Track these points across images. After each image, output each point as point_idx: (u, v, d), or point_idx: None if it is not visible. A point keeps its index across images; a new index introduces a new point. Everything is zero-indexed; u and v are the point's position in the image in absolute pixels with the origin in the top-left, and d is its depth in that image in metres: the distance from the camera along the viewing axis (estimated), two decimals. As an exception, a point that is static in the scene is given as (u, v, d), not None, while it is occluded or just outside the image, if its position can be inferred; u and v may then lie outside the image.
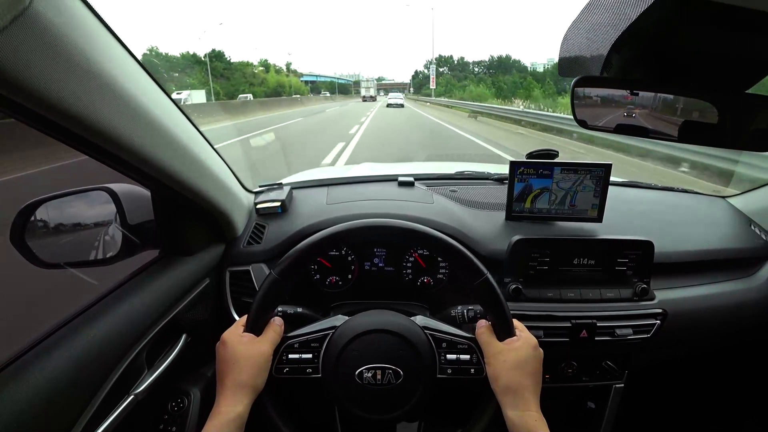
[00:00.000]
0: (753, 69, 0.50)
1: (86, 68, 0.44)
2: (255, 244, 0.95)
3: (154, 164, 0.59)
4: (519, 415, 0.57)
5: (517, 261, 0.92)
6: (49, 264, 0.70)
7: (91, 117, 0.45)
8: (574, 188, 1.00)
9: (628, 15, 0.42)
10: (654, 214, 1.14)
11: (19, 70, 0.36)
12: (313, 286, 1.01)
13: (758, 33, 0.42)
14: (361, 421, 0.61)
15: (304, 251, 0.63)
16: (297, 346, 0.64)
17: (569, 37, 0.54)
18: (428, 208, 1.06)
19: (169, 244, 0.80)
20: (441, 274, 1.00)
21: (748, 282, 1.04)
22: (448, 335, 0.65)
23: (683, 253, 1.02)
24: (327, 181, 1.25)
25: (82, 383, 0.54)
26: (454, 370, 0.63)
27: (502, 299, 0.63)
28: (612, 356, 0.96)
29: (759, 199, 1.19)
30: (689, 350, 1.07)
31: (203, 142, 0.75)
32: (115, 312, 0.62)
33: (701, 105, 0.55)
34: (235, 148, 8.34)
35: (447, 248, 0.64)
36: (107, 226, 0.76)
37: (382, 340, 0.63)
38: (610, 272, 0.93)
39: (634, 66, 0.51)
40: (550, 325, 0.89)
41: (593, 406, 1.03)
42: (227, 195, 0.85)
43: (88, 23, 0.45)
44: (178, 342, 0.74)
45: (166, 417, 0.76)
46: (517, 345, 0.61)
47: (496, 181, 1.26)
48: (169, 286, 0.73)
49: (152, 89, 0.59)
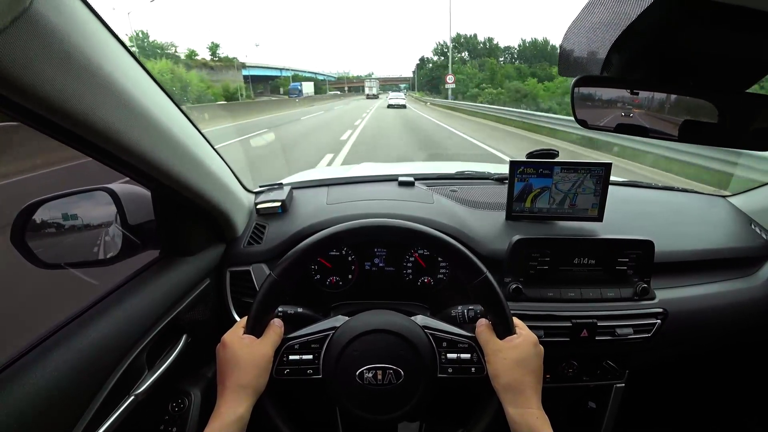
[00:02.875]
0: (753, 69, 0.50)
1: (86, 69, 0.44)
2: (255, 245, 0.95)
3: (155, 164, 0.59)
4: (520, 412, 0.57)
5: (518, 261, 0.92)
6: (49, 264, 0.70)
7: (91, 117, 0.45)
8: (574, 188, 0.99)
9: (629, 14, 0.42)
10: (654, 214, 1.14)
11: (19, 71, 0.36)
12: (314, 287, 1.01)
13: (758, 33, 0.42)
14: (362, 421, 0.61)
15: (304, 252, 0.63)
16: (297, 347, 0.64)
17: (569, 37, 0.54)
18: (428, 208, 1.06)
19: (169, 244, 0.80)
20: (441, 274, 1.00)
21: (749, 281, 1.04)
22: (449, 334, 0.65)
23: (684, 253, 1.02)
24: (327, 181, 1.25)
25: (83, 384, 0.54)
26: (454, 370, 0.63)
27: (501, 297, 0.63)
28: (612, 356, 0.96)
29: (759, 199, 1.19)
30: (690, 350, 1.07)
31: (203, 142, 0.75)
32: (116, 312, 0.62)
33: (701, 105, 0.55)
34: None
35: (446, 248, 0.64)
36: (107, 226, 0.76)
37: (383, 340, 0.63)
38: (611, 272, 0.93)
39: (634, 66, 0.51)
40: (550, 325, 0.89)
41: (594, 406, 1.03)
42: (227, 195, 0.85)
43: (89, 24, 0.45)
44: (179, 342, 0.74)
45: (166, 417, 0.76)
46: (518, 342, 0.61)
47: (496, 180, 1.26)
48: (169, 286, 0.73)
49: (152, 89, 0.59)
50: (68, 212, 0.74)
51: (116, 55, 0.50)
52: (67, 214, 0.73)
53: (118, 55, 0.51)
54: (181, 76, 30.76)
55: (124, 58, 0.52)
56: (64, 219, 0.74)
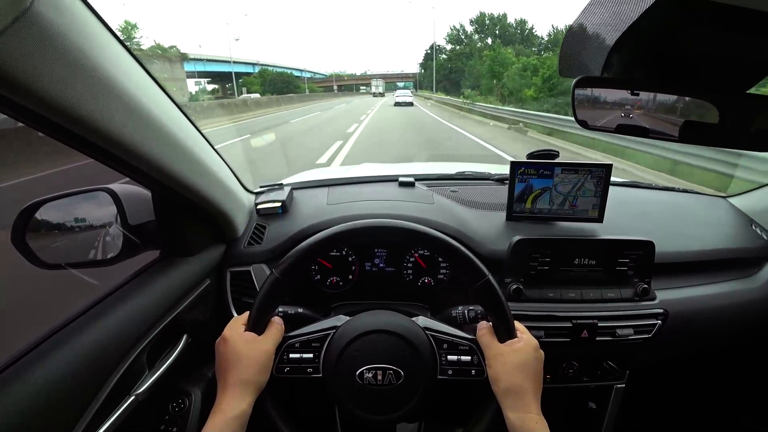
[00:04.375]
0: (753, 69, 0.50)
1: (87, 69, 0.44)
2: (255, 245, 0.96)
3: (155, 165, 0.59)
4: (520, 417, 0.57)
5: (518, 261, 0.92)
6: (50, 265, 0.70)
7: (91, 117, 0.45)
8: (574, 189, 1.00)
9: (629, 15, 0.42)
10: (655, 214, 1.14)
11: (20, 71, 0.36)
12: (314, 287, 1.01)
13: (759, 33, 0.42)
14: (361, 421, 0.61)
15: (306, 251, 0.63)
16: (298, 345, 0.64)
17: (570, 38, 0.54)
18: (429, 208, 1.06)
19: (169, 244, 0.80)
20: (441, 274, 1.00)
21: (749, 282, 1.04)
22: (450, 336, 0.65)
23: (684, 253, 1.02)
24: (327, 181, 1.26)
25: (83, 384, 0.54)
26: (454, 372, 0.63)
27: (503, 301, 0.63)
28: (613, 356, 0.96)
29: (760, 199, 1.19)
30: (690, 350, 1.07)
31: (204, 142, 0.75)
32: (116, 312, 0.62)
33: (702, 105, 0.55)
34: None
35: (449, 249, 0.64)
36: (108, 226, 0.76)
37: (383, 341, 0.63)
38: (611, 272, 0.93)
39: (634, 66, 0.51)
40: (551, 326, 0.89)
41: (594, 407, 1.03)
42: (228, 195, 0.85)
43: (89, 24, 0.45)
44: (179, 342, 0.74)
45: (167, 417, 0.76)
46: (518, 346, 0.61)
47: (496, 181, 1.26)
48: (169, 286, 0.73)
49: (153, 90, 0.59)
50: (69, 212, 0.74)
51: (117, 56, 0.50)
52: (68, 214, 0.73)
53: (119, 55, 0.51)
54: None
55: (125, 58, 0.52)
56: (65, 219, 0.74)
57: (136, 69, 0.55)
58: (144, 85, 0.56)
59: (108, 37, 0.49)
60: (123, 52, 0.52)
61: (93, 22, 0.46)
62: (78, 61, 0.42)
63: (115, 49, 0.50)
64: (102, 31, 0.48)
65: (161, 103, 0.60)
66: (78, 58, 0.42)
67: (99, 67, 0.45)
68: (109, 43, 0.49)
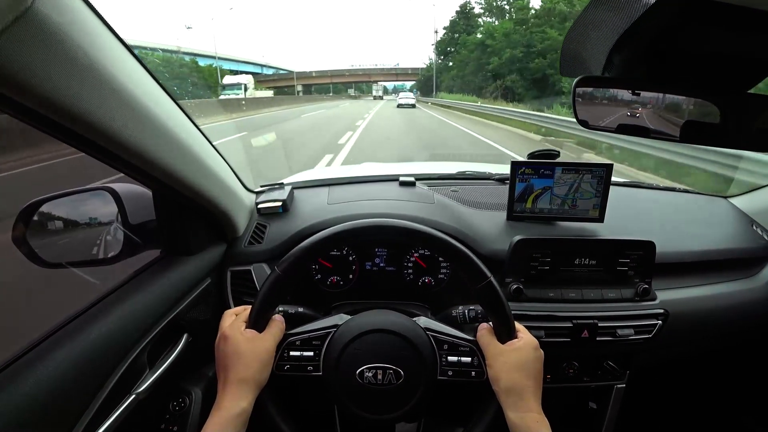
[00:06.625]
0: (755, 69, 0.50)
1: (88, 68, 0.44)
2: (256, 244, 0.96)
3: (156, 164, 0.59)
4: (520, 416, 0.57)
5: (519, 261, 0.92)
6: (50, 263, 0.70)
7: (93, 116, 0.45)
8: (575, 189, 0.99)
9: (630, 14, 0.42)
10: (655, 215, 1.14)
11: (21, 70, 0.36)
12: (314, 287, 1.01)
13: (760, 32, 0.42)
14: (361, 420, 0.61)
15: (308, 250, 0.63)
16: (298, 343, 0.64)
17: (571, 37, 0.54)
18: (429, 208, 1.06)
19: (170, 243, 0.80)
20: (442, 274, 1.00)
21: (750, 282, 1.04)
22: (450, 337, 0.65)
23: (685, 254, 1.02)
24: (328, 180, 1.25)
25: (84, 383, 0.54)
26: (454, 372, 0.63)
27: (504, 302, 0.63)
28: (613, 356, 0.96)
29: (761, 199, 1.18)
30: (691, 350, 1.07)
31: (204, 141, 0.75)
32: (117, 312, 0.62)
33: (703, 105, 0.55)
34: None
35: (450, 250, 0.64)
36: (109, 225, 0.76)
37: (384, 340, 0.63)
38: (612, 272, 0.93)
39: (635, 66, 0.51)
40: (551, 326, 0.88)
41: (594, 407, 1.03)
42: (228, 195, 0.85)
43: (90, 23, 0.45)
44: (180, 342, 0.74)
45: (167, 416, 0.76)
46: (519, 346, 0.61)
47: (497, 181, 1.26)
48: (170, 285, 0.73)
49: (154, 89, 0.59)
50: (70, 211, 0.74)
51: (118, 55, 0.50)
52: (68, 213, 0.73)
53: (120, 54, 0.51)
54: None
55: (126, 57, 0.52)
56: (66, 218, 0.74)
57: (137, 68, 0.55)
58: (145, 84, 0.56)
59: (109, 36, 0.49)
60: (124, 52, 0.52)
61: (94, 21, 0.46)
62: (79, 60, 0.42)
63: (116, 49, 0.50)
64: (103, 30, 0.48)
65: (162, 103, 0.60)
66: (79, 57, 0.42)
67: (100, 66, 0.45)
68: (110, 42, 0.49)
